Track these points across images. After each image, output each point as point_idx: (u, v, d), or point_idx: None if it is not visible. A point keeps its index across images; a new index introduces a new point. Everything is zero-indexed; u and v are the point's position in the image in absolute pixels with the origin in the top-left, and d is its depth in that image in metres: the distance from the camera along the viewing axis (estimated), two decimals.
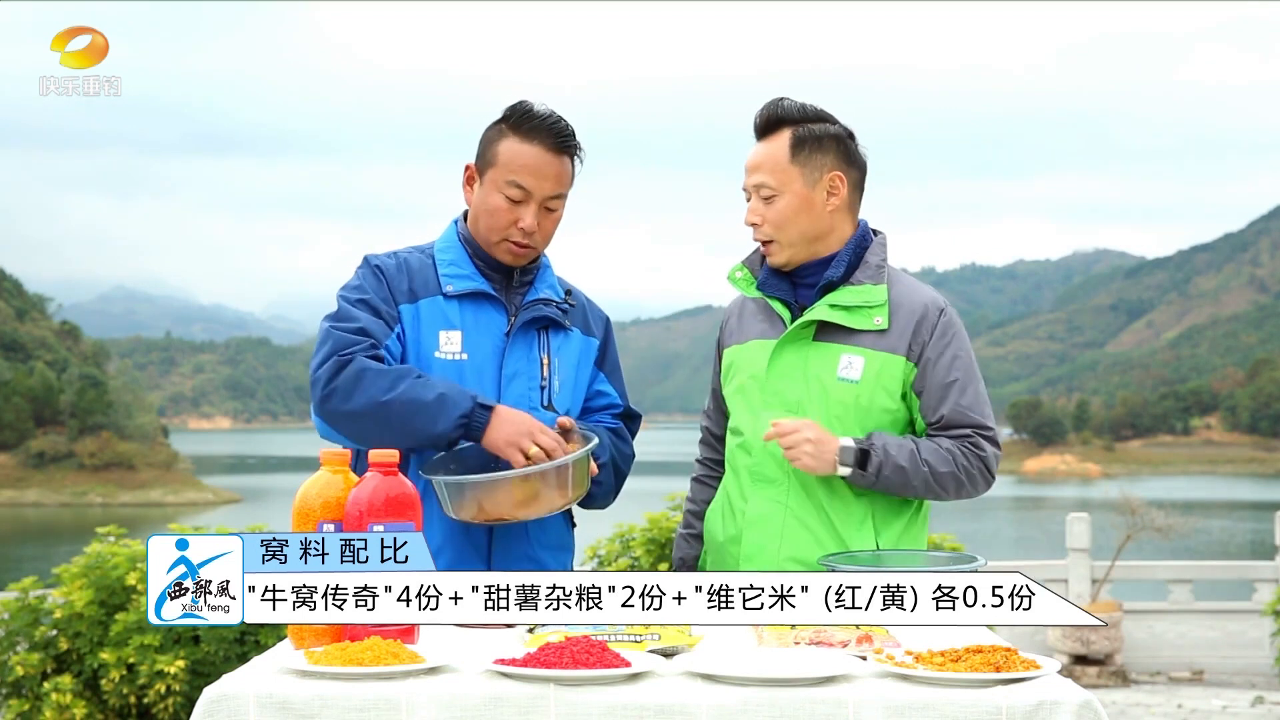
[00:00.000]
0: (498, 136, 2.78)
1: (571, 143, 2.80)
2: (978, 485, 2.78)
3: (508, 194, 2.74)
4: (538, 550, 2.80)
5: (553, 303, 2.86)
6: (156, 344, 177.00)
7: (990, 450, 2.77)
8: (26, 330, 79.39)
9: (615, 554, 6.49)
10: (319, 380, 2.65)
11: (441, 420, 2.60)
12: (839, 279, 2.79)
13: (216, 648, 5.61)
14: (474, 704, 1.88)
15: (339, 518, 2.18)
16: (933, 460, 2.72)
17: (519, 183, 2.74)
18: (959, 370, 2.78)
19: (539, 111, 2.77)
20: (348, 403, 2.62)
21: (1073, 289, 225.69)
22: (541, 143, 2.75)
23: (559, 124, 2.77)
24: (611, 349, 3.02)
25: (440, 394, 2.62)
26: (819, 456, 2.68)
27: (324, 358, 2.66)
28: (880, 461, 2.69)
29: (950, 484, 2.73)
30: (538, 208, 2.76)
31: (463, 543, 2.73)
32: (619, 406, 2.98)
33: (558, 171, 2.77)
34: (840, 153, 2.80)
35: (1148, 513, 11.26)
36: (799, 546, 2.76)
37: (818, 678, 1.92)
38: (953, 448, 2.74)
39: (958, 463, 2.74)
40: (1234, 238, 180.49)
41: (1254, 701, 8.97)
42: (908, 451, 2.71)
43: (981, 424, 2.78)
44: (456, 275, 2.80)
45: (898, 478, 2.70)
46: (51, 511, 61.30)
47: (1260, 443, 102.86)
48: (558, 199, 2.79)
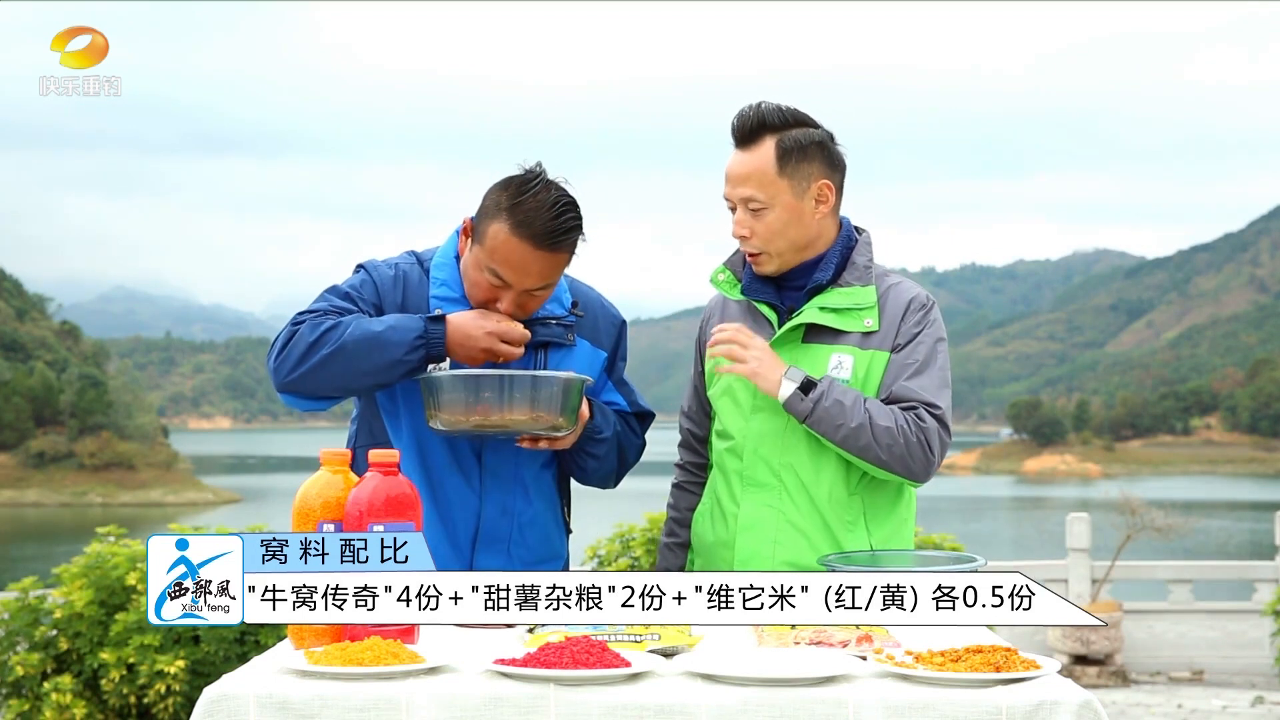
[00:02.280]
0: (494, 211, 2.63)
1: (568, 240, 2.63)
2: (914, 457, 2.68)
3: (489, 278, 2.65)
4: (518, 568, 2.77)
5: (552, 321, 2.79)
6: (156, 344, 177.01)
7: (933, 426, 2.68)
8: (26, 330, 79.40)
9: (615, 554, 6.50)
10: (272, 353, 2.65)
11: (396, 347, 2.58)
12: (827, 281, 2.78)
13: (216, 648, 5.61)
14: (474, 704, 1.88)
15: (339, 518, 2.18)
16: (874, 412, 2.66)
17: (499, 273, 2.63)
18: (920, 354, 2.74)
19: (542, 198, 2.60)
20: (303, 362, 2.60)
21: (1073, 289, 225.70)
22: (532, 239, 2.58)
23: (558, 220, 2.60)
24: (621, 357, 2.97)
25: (390, 324, 2.61)
26: (766, 365, 2.66)
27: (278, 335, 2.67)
28: (823, 391, 2.64)
29: (885, 439, 2.65)
30: (518, 294, 2.66)
31: (447, 553, 2.73)
32: (627, 411, 2.95)
33: (543, 269, 2.63)
34: (825, 159, 2.76)
35: (1148, 513, 11.26)
36: (793, 550, 2.75)
37: (818, 678, 1.92)
38: (896, 410, 2.69)
39: (898, 423, 2.66)
40: (1234, 238, 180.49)
41: (1254, 701, 8.98)
42: (853, 395, 2.67)
43: (929, 401, 2.71)
44: (447, 299, 2.74)
45: (836, 412, 2.64)
46: (51, 511, 61.30)
47: (1260, 443, 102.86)
48: (543, 289, 2.69)
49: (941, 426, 2.71)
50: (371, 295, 2.74)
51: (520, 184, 2.63)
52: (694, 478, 3.03)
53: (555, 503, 2.89)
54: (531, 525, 2.81)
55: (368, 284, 2.76)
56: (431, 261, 2.80)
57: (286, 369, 2.62)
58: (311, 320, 2.64)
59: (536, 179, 2.64)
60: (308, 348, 2.60)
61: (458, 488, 2.75)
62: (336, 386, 2.64)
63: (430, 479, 2.73)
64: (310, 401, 2.68)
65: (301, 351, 2.60)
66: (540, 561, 2.83)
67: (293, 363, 2.61)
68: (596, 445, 2.79)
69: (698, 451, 3.03)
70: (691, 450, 3.04)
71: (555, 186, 2.64)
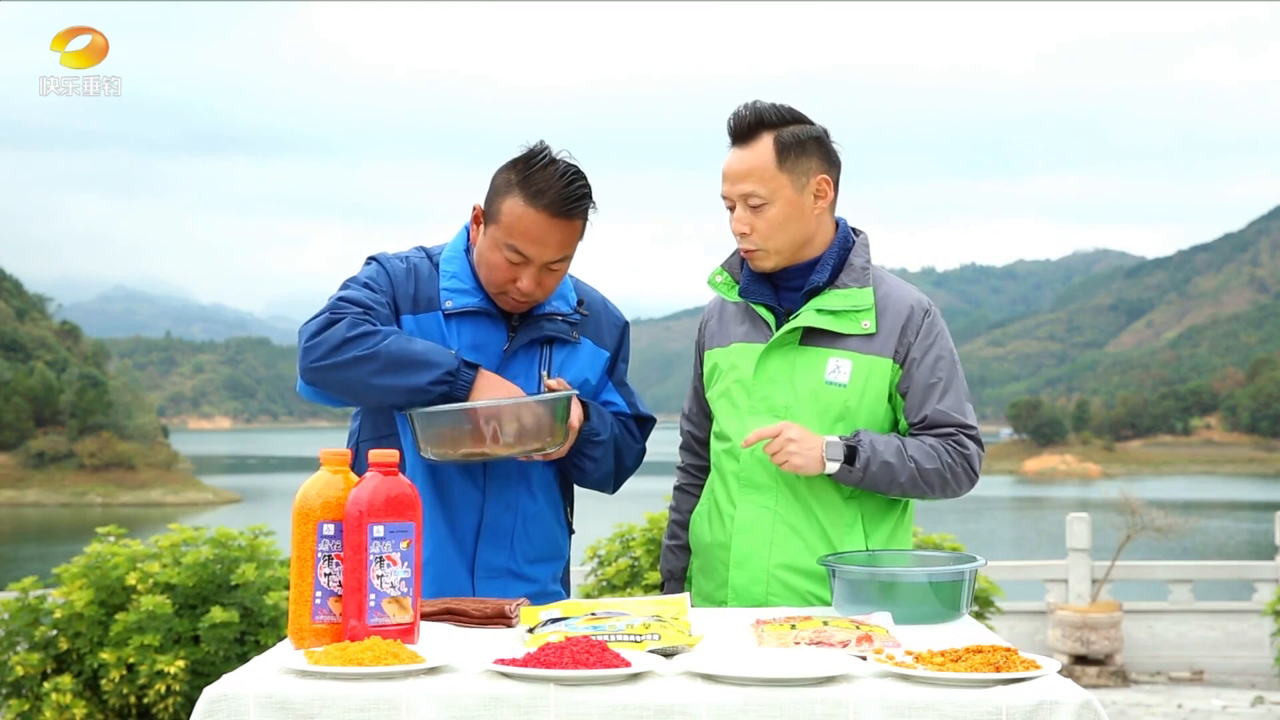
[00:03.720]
0: (505, 189, 2.67)
1: (581, 207, 2.67)
2: (961, 483, 2.76)
3: (507, 256, 2.67)
4: (521, 564, 2.79)
5: (558, 317, 2.81)
6: (156, 344, 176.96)
7: (974, 449, 2.76)
8: (26, 330, 79.35)
9: (615, 554, 6.49)
10: (306, 332, 2.64)
11: (426, 373, 2.59)
12: (824, 283, 2.77)
13: (216, 648, 5.61)
14: (474, 704, 1.88)
15: (339, 518, 2.18)
16: (919, 457, 2.70)
17: (518, 248, 2.65)
18: (942, 371, 2.77)
19: (551, 169, 2.65)
20: (333, 355, 2.60)
21: (1073, 289, 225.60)
22: (547, 208, 2.62)
23: (570, 187, 2.64)
24: (624, 359, 2.97)
25: (426, 348, 2.62)
26: (806, 455, 2.66)
27: (315, 316, 2.66)
28: (868, 457, 2.67)
29: (935, 481, 2.72)
30: (538, 270, 2.68)
31: (451, 554, 2.73)
32: (626, 414, 2.94)
33: (561, 238, 2.66)
34: (822, 155, 2.77)
35: (1148, 513, 11.26)
36: (789, 552, 2.75)
37: (818, 678, 1.92)
38: (937, 445, 2.73)
39: (942, 459, 2.72)
40: (1234, 238, 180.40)
41: (1254, 701, 8.98)
42: (894, 448, 2.69)
43: (964, 423, 2.77)
44: (457, 290, 2.76)
45: (884, 474, 2.68)
46: (51, 511, 61.27)
47: (1260, 443, 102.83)
48: (562, 260, 2.71)
49: (978, 445, 2.78)
50: (386, 285, 2.75)
51: (528, 159, 2.67)
52: (695, 480, 3.04)
53: (558, 501, 2.89)
54: (534, 520, 2.81)
55: (381, 274, 2.77)
56: (441, 256, 2.82)
57: (314, 356, 2.62)
58: (353, 316, 2.63)
59: (542, 153, 2.67)
60: (341, 342, 2.60)
61: (461, 482, 2.75)
62: (352, 391, 2.65)
63: (435, 473, 2.74)
64: (324, 397, 2.69)
65: (334, 344, 2.60)
66: (542, 559, 2.84)
67: (322, 352, 2.61)
68: (593, 448, 2.79)
69: (699, 454, 3.04)
70: (693, 453, 3.05)
71: (562, 159, 2.68)
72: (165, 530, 6.15)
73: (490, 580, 2.75)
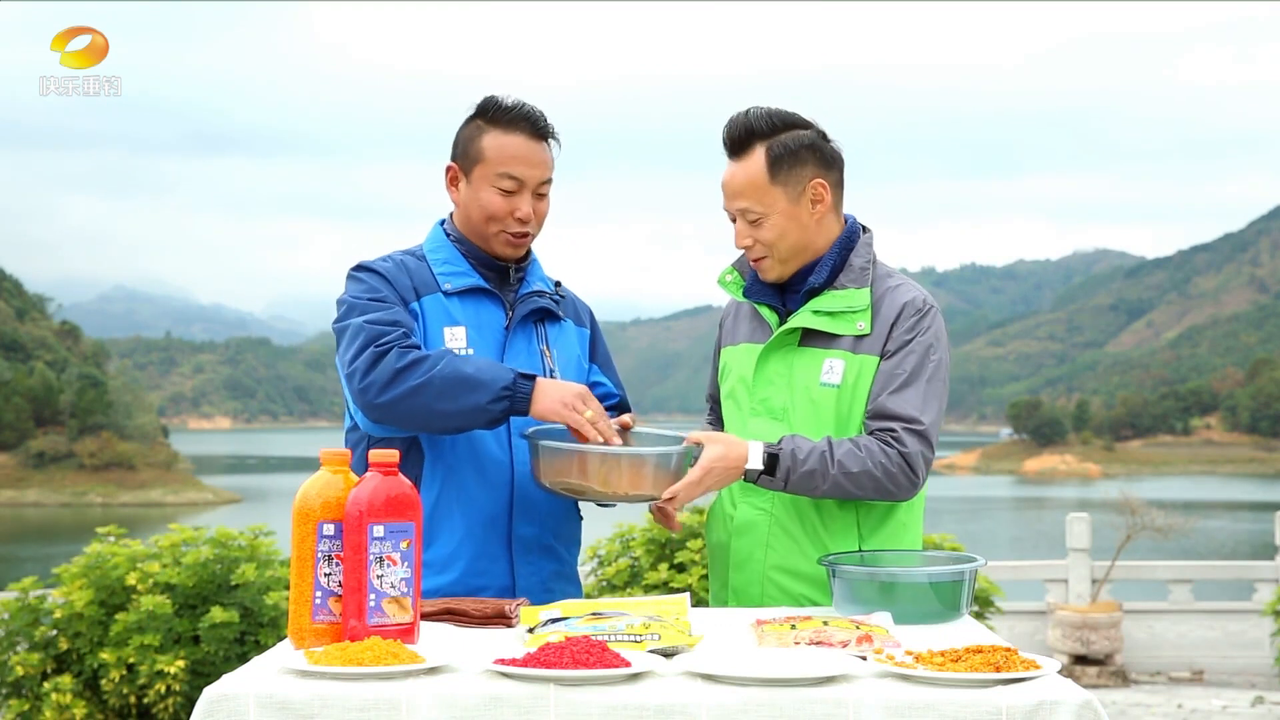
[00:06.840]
0: (477, 134, 2.82)
1: (550, 127, 2.84)
2: (899, 484, 2.66)
3: (501, 186, 2.78)
4: (552, 540, 2.83)
5: (545, 294, 2.89)
6: (156, 344, 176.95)
7: (914, 447, 2.65)
8: (26, 330, 79.35)
9: (615, 554, 6.49)
10: (356, 373, 2.63)
11: (484, 392, 2.61)
12: (822, 283, 2.77)
13: (216, 648, 5.61)
14: (474, 704, 1.88)
15: (339, 518, 2.18)
16: (846, 460, 2.62)
17: (511, 173, 2.77)
18: (909, 364, 2.70)
19: (513, 104, 2.82)
20: (389, 391, 2.61)
21: (1073, 289, 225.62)
22: (524, 132, 2.80)
23: (534, 111, 2.82)
24: (600, 340, 3.05)
25: (479, 367, 2.64)
26: (726, 474, 2.63)
27: (358, 350, 2.64)
28: (789, 467, 2.63)
29: (866, 482, 2.64)
30: (531, 195, 2.80)
31: (487, 531, 2.74)
32: (616, 397, 2.97)
33: (544, 158, 2.82)
34: (817, 159, 2.75)
35: (1148, 513, 11.26)
36: (784, 555, 2.75)
37: (818, 678, 1.92)
38: (870, 444, 2.65)
39: (874, 459, 2.63)
40: (1234, 238, 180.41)
41: (1254, 701, 8.98)
42: (818, 454, 2.63)
43: (908, 417, 2.66)
44: (453, 273, 2.82)
45: (806, 482, 2.63)
46: (51, 511, 61.29)
47: (1260, 443, 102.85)
48: (547, 184, 2.83)
49: (924, 443, 2.67)
50: (387, 289, 2.76)
51: (483, 104, 2.84)
52: None
53: None
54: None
55: (378, 280, 2.77)
56: (423, 249, 2.87)
57: (371, 396, 2.61)
58: (397, 347, 2.63)
59: (492, 97, 2.84)
60: (394, 375, 2.60)
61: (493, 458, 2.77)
62: (417, 421, 2.64)
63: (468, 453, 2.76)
64: (394, 430, 2.69)
65: (387, 379, 2.60)
66: (565, 536, 2.87)
67: (378, 390, 2.60)
68: None
69: None
70: None
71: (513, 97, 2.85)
72: (165, 530, 6.15)
73: (525, 556, 2.77)
